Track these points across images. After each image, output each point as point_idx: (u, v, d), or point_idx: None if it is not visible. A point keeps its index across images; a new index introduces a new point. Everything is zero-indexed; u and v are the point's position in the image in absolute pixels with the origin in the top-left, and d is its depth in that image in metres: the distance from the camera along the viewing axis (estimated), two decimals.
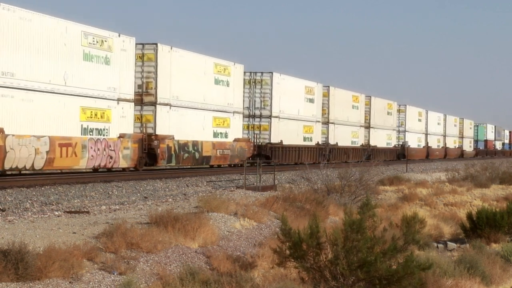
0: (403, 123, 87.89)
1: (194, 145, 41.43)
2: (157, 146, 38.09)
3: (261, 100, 52.42)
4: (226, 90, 45.42)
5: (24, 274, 12.70)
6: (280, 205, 23.01)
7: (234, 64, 46.69)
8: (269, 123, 52.57)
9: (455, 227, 27.16)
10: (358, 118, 71.54)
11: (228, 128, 45.73)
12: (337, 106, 65.84)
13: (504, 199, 36.02)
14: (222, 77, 45.07)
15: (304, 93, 57.99)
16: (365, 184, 29.97)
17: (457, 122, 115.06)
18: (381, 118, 79.12)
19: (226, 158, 45.20)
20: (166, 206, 21.54)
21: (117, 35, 34.98)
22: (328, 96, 64.23)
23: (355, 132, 70.46)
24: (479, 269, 18.54)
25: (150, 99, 38.76)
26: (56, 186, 26.74)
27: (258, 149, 50.79)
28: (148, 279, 14.41)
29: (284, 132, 54.05)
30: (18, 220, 17.93)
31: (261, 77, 52.60)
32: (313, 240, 14.47)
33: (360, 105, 72.04)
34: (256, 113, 52.73)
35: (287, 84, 54.96)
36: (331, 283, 14.36)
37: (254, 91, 52.60)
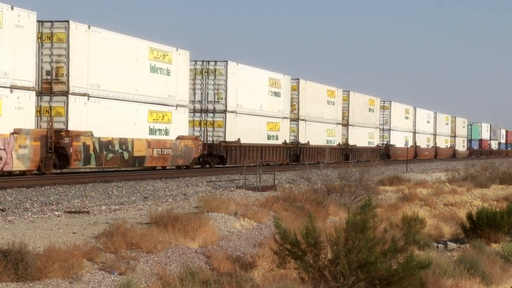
0: (387, 121, 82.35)
1: (122, 144, 35.18)
2: (68, 144, 31.72)
3: (215, 93, 46.49)
4: (166, 80, 39.53)
5: (24, 274, 12.70)
6: (280, 205, 23.01)
7: (176, 50, 40.59)
8: (223, 119, 46.63)
9: (455, 227, 27.16)
10: (335, 114, 65.88)
11: (169, 123, 39.86)
12: (309, 101, 60.13)
13: (504, 199, 36.02)
14: (161, 64, 39.07)
15: (268, 86, 52.53)
16: (365, 184, 29.97)
17: (449, 120, 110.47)
18: (361, 115, 72.97)
19: (166, 158, 39.40)
20: (166, 206, 21.55)
21: (10, 7, 28.92)
22: (298, 89, 58.47)
23: (330, 130, 65.04)
24: (479, 269, 18.54)
25: (61, 88, 32.18)
26: (56, 186, 26.74)
27: (209, 148, 44.98)
28: (148, 279, 14.41)
29: (243, 130, 48.36)
30: (18, 220, 17.93)
31: (215, 66, 46.53)
32: (310, 239, 14.46)
33: (336, 101, 66.15)
34: (209, 108, 46.69)
35: (246, 75, 49.04)
36: (331, 283, 14.35)
37: (206, 82, 46.60)
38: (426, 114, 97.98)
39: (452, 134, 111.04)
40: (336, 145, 65.72)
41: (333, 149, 64.36)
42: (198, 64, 46.21)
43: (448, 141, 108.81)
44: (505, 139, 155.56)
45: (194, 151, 42.02)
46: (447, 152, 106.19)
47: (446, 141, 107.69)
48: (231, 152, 46.88)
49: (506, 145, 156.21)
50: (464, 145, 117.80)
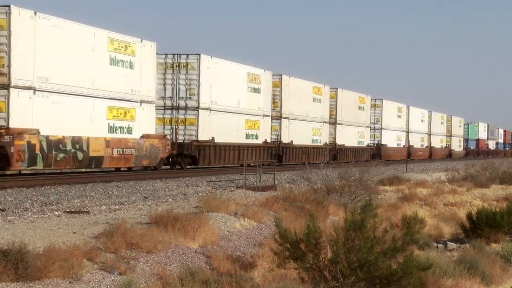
0: (379, 119, 78.52)
1: (75, 143, 31.85)
2: (9, 143, 28.65)
3: (187, 89, 43.34)
4: (129, 74, 35.99)
5: (24, 274, 12.70)
6: (280, 205, 23.02)
7: (141, 41, 37.14)
8: (196, 117, 43.45)
9: (455, 227, 27.16)
10: (321, 113, 62.36)
11: (132, 121, 36.42)
12: (293, 99, 56.75)
13: (504, 199, 36.02)
14: (123, 56, 35.59)
15: (247, 82, 49.01)
16: (365, 184, 29.98)
17: (444, 119, 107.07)
18: (350, 114, 69.74)
19: (129, 159, 35.97)
20: (166, 206, 21.55)
21: None
22: (280, 86, 55.13)
23: (317, 129, 61.49)
24: (479, 269, 18.54)
25: (2, 81, 29.08)
26: (56, 186, 26.74)
27: (179, 148, 41.60)
28: (148, 279, 14.41)
29: (218, 128, 45.15)
30: (18, 220, 17.94)
31: (187, 60, 43.35)
32: (311, 239, 14.46)
33: (323, 98, 62.71)
34: (180, 104, 43.54)
35: (222, 70, 45.78)
36: (331, 283, 14.36)
37: (178, 77, 43.50)
38: (420, 113, 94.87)
39: (448, 134, 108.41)
40: (322, 145, 62.56)
41: (319, 149, 61.31)
42: (168, 57, 43.45)
43: (444, 140, 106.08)
44: (503, 139, 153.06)
45: (161, 151, 38.73)
46: (443, 152, 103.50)
47: (442, 141, 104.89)
48: (204, 152, 43.79)
49: (505, 145, 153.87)
50: (460, 145, 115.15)
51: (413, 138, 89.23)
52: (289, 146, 55.63)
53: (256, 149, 50.07)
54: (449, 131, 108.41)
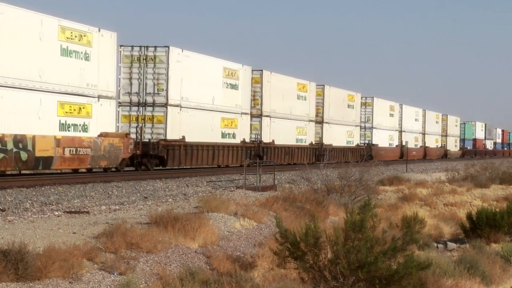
0: (369, 118, 75.42)
1: (18, 141, 28.66)
2: None
3: (155, 84, 40.16)
4: (84, 66, 32.64)
5: (24, 274, 12.70)
6: (280, 205, 23.02)
7: (98, 31, 33.79)
8: (165, 114, 40.25)
9: (455, 227, 27.17)
10: (307, 111, 59.05)
11: (88, 118, 33.03)
12: (275, 96, 53.54)
13: (504, 199, 36.04)
14: (76, 46, 32.31)
15: (223, 77, 45.96)
16: (365, 184, 29.99)
17: (440, 118, 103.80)
18: (339, 112, 66.26)
19: (84, 160, 32.48)
20: (166, 206, 21.55)
21: None
22: (261, 82, 51.79)
23: (301, 128, 58.30)
24: (479, 269, 18.55)
25: None
26: (56, 186, 26.75)
27: (144, 147, 38.50)
28: (148, 279, 14.41)
29: (190, 126, 42.04)
30: (18, 220, 17.94)
31: (154, 52, 40.14)
32: (311, 239, 14.46)
33: (309, 95, 59.47)
34: (148, 101, 40.30)
35: (194, 64, 42.58)
36: (331, 283, 14.36)
37: (145, 71, 40.20)
38: (414, 112, 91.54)
39: (444, 133, 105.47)
40: (307, 145, 59.36)
41: (304, 149, 58.34)
42: (135, 50, 40.26)
43: (439, 140, 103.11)
44: (501, 139, 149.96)
45: (123, 151, 35.43)
46: (438, 152, 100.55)
47: (437, 141, 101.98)
48: (174, 152, 40.53)
49: (503, 145, 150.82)
50: (456, 145, 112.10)
51: (406, 137, 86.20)
52: (270, 146, 52.44)
53: (233, 149, 46.94)
54: (444, 131, 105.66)
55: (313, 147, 60.12)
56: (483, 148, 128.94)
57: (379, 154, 72.47)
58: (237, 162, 46.52)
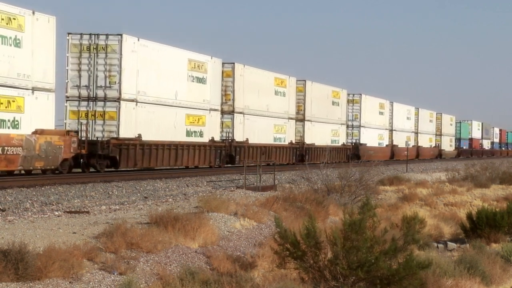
0: (357, 116, 71.19)
1: None
2: None
3: (106, 76, 35.92)
4: (13, 53, 29.01)
5: (24, 274, 12.70)
6: (280, 205, 23.02)
7: (32, 14, 30.00)
8: (117, 109, 36.02)
9: (455, 227, 27.18)
10: (285, 108, 55.17)
11: (19, 113, 29.24)
12: (249, 91, 49.26)
13: (504, 199, 36.04)
14: (3, 31, 28.56)
15: (188, 70, 41.92)
16: (365, 184, 29.99)
17: (433, 117, 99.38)
18: (322, 109, 62.00)
19: (13, 160, 28.66)
20: (166, 206, 21.55)
21: None
22: (233, 76, 47.59)
23: (280, 126, 54.30)
24: (479, 269, 18.55)
25: None
26: (56, 186, 26.75)
27: (91, 146, 34.44)
28: (148, 279, 14.41)
29: (148, 123, 38.10)
30: (18, 220, 17.94)
31: (106, 41, 35.91)
32: (311, 240, 14.47)
33: (288, 91, 55.50)
34: (98, 95, 35.95)
35: (153, 54, 38.72)
36: (331, 283, 14.36)
37: (95, 62, 35.86)
38: (405, 110, 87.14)
39: (438, 133, 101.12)
40: (287, 144, 55.47)
41: (283, 149, 54.68)
42: (84, 38, 36.13)
43: (433, 140, 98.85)
44: (499, 139, 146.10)
45: (64, 150, 31.64)
46: (431, 152, 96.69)
47: (430, 140, 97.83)
48: (128, 153, 36.39)
49: (500, 145, 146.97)
50: (451, 145, 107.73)
51: (397, 137, 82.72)
52: (243, 145, 48.22)
53: (200, 149, 42.94)
54: (439, 130, 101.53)
55: (293, 147, 56.55)
56: (480, 148, 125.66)
57: (367, 154, 68.00)
58: (205, 163, 43.42)
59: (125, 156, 36.24)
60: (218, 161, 44.83)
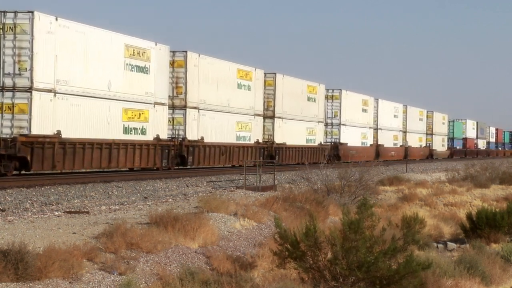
0: (337, 113, 66.04)
1: None
2: None
3: (15, 61, 30.46)
4: None
5: (24, 274, 12.70)
6: (280, 205, 23.02)
7: None
8: (29, 101, 30.44)
9: (455, 227, 27.18)
10: (251, 103, 49.47)
11: None
12: (205, 83, 43.63)
13: (504, 199, 36.05)
14: None
15: (125, 57, 36.58)
16: (365, 184, 30.00)
17: (424, 115, 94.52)
18: (296, 106, 56.47)
19: None
20: (166, 206, 21.56)
21: None
22: (185, 66, 42.02)
23: (244, 123, 48.62)
24: (479, 269, 18.56)
25: None
26: (56, 186, 26.76)
27: None
28: (148, 279, 14.42)
29: (71, 118, 32.52)
30: (18, 220, 17.95)
31: (14, 19, 30.42)
32: (310, 240, 14.47)
33: (254, 85, 49.61)
34: (6, 83, 30.39)
35: (76, 37, 33.03)
36: (331, 283, 14.36)
37: (2, 45, 30.47)
38: (392, 107, 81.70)
39: (429, 132, 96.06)
40: (253, 143, 49.71)
41: (247, 148, 48.87)
42: None
43: (423, 139, 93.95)
44: (495, 138, 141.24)
45: None
46: (421, 152, 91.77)
47: (421, 140, 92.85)
48: (43, 152, 30.75)
49: (497, 145, 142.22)
50: (444, 144, 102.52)
51: (383, 136, 77.61)
52: (197, 144, 42.62)
53: (142, 148, 37.77)
54: (430, 129, 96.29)
55: (260, 146, 50.72)
56: (475, 148, 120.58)
57: (348, 155, 63.57)
58: (148, 164, 38.33)
59: (38, 156, 30.60)
60: (165, 162, 39.90)
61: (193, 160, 42.07)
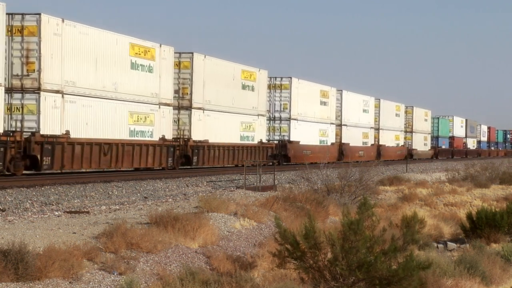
0: (286, 106, 55.43)
1: None
2: None
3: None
4: None
5: (24, 274, 12.71)
6: (280, 205, 23.02)
7: None
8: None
9: (455, 227, 27.18)
10: (154, 89, 38.56)
11: None
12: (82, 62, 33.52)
13: (504, 199, 36.04)
14: None
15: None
16: (365, 184, 30.00)
17: (402, 110, 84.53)
18: (225, 95, 45.56)
19: None
20: (166, 206, 21.56)
21: None
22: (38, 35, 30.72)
23: (143, 115, 37.79)
24: (479, 269, 18.56)
25: None
26: (56, 186, 26.75)
27: None
28: (148, 279, 14.42)
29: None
30: (18, 220, 17.95)
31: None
32: (310, 240, 14.47)
33: (161, 66, 39.04)
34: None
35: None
36: (331, 283, 14.37)
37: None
38: (361, 100, 71.53)
39: (408, 129, 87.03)
40: (157, 140, 38.67)
41: (149, 147, 38.06)
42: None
43: (401, 137, 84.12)
44: (487, 137, 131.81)
45: None
46: (398, 152, 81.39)
47: (397, 138, 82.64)
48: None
49: (489, 144, 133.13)
50: (426, 143, 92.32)
51: (349, 133, 68.03)
52: (60, 142, 32.10)
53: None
54: (409, 126, 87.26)
55: (168, 144, 39.65)
56: (463, 148, 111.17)
57: (300, 155, 54.87)
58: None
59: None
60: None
61: (50, 161, 31.86)
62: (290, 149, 54.90)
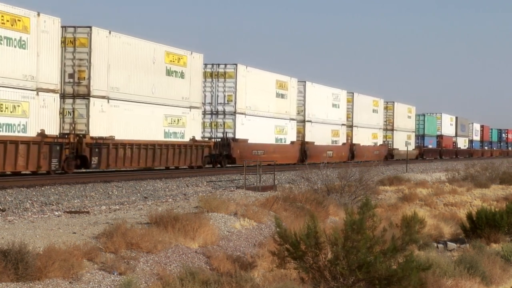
0: (231, 98, 47.02)
1: None
2: None
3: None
4: None
5: (24, 274, 12.71)
6: (280, 205, 23.02)
7: None
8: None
9: (455, 227, 27.19)
10: (23, 70, 29.65)
11: None
12: None
13: (504, 199, 36.05)
14: None
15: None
16: (365, 184, 29.99)
17: (380, 106, 76.13)
18: (142, 84, 37.76)
19: None
20: (166, 206, 21.56)
21: None
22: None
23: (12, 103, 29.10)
24: (479, 269, 18.56)
25: None
26: (56, 186, 26.75)
27: None
28: (148, 279, 14.42)
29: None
30: (18, 220, 17.95)
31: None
32: (311, 240, 14.48)
33: (32, 39, 29.95)
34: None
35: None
36: (331, 283, 14.37)
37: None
38: (330, 94, 63.28)
39: (389, 127, 79.58)
40: (33, 137, 30.06)
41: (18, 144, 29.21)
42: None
43: (379, 136, 76.00)
44: (480, 136, 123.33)
45: None
46: (375, 153, 72.47)
47: (375, 136, 74.72)
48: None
49: (482, 144, 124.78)
50: (410, 142, 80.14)
51: (314, 131, 59.92)
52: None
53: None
54: (390, 123, 79.67)
55: (50, 142, 31.02)
56: (453, 147, 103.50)
57: (249, 155, 46.32)
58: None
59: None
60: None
61: None
62: (235, 148, 46.67)
